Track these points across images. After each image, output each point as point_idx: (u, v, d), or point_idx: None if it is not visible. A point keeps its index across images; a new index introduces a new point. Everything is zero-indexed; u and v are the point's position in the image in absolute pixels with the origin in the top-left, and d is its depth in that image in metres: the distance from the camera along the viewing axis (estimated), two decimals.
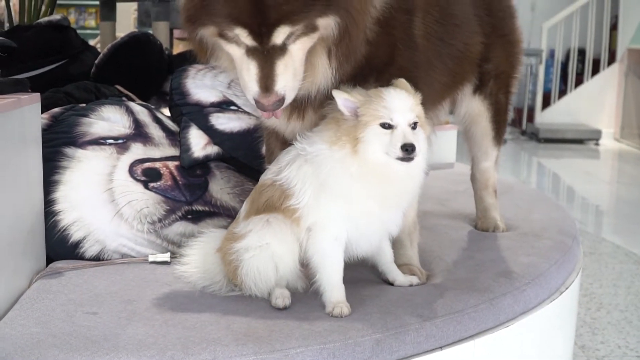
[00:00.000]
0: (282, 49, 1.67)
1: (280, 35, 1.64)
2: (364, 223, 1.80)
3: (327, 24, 1.69)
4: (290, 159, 1.83)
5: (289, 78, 1.69)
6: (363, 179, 1.73)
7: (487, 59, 2.41)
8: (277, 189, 1.82)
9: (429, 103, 2.09)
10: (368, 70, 1.87)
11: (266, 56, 1.66)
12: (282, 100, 1.70)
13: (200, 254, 1.98)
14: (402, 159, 1.71)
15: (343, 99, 1.74)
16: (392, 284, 1.98)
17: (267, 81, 1.67)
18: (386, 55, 1.90)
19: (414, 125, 1.74)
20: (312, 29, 1.68)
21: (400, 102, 1.74)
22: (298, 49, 1.69)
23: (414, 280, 1.98)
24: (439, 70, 2.14)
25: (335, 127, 1.77)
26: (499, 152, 2.62)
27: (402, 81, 1.83)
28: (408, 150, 1.70)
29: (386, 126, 1.72)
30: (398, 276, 1.98)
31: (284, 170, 1.82)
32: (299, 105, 1.89)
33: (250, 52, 1.68)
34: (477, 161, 2.62)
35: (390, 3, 1.86)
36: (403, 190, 1.81)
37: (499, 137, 2.57)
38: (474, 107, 2.49)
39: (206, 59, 1.85)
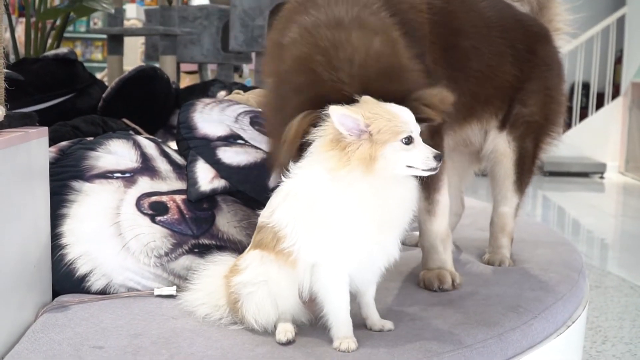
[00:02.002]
0: None
1: None
2: (366, 251, 1.75)
3: None
4: (280, 200, 1.79)
5: None
6: (370, 201, 1.69)
7: (522, 101, 2.51)
8: (269, 231, 1.79)
9: (452, 118, 2.28)
10: None
11: None
12: None
13: (206, 279, 1.99)
14: (430, 169, 1.72)
15: (343, 116, 1.67)
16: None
17: None
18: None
19: None
20: None
21: (411, 116, 1.73)
22: None
23: (387, 325, 1.91)
24: (453, 90, 2.23)
25: (338, 150, 1.69)
26: (519, 201, 2.63)
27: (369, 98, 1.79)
28: (437, 159, 1.72)
29: (407, 141, 1.70)
30: (374, 320, 1.91)
31: (275, 213, 1.79)
32: None
33: None
34: (496, 205, 2.64)
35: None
36: (405, 211, 1.78)
37: (520, 184, 2.61)
38: (499, 145, 2.55)
39: None
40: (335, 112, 1.67)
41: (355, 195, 1.69)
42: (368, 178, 1.68)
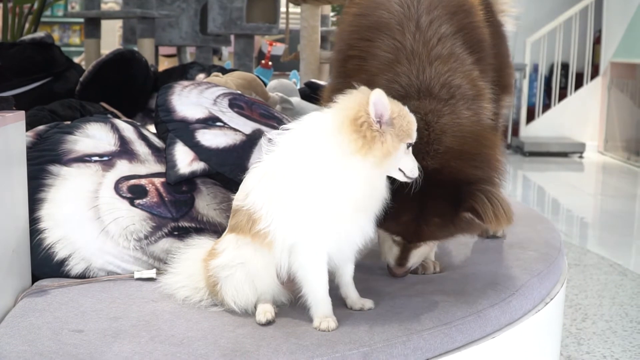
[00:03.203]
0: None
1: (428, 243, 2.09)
2: (343, 229, 1.75)
3: None
4: (255, 182, 1.79)
5: (418, 260, 2.13)
6: (360, 188, 1.70)
7: None
8: (244, 214, 1.79)
9: None
10: None
11: (408, 247, 2.07)
12: (408, 271, 2.14)
13: (186, 261, 2.00)
14: (411, 179, 1.77)
15: (381, 101, 1.66)
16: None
17: (402, 261, 2.09)
18: None
19: None
20: None
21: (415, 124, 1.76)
22: (433, 243, 2.14)
23: (367, 304, 1.91)
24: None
25: (363, 137, 1.66)
26: None
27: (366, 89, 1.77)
28: (418, 171, 1.77)
29: (409, 145, 1.74)
30: (354, 299, 1.92)
31: (250, 195, 1.78)
32: None
33: (396, 241, 2.08)
34: None
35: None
36: (381, 198, 1.78)
37: None
38: None
39: None
40: (377, 95, 1.66)
41: (352, 180, 1.69)
42: (375, 169, 1.70)
